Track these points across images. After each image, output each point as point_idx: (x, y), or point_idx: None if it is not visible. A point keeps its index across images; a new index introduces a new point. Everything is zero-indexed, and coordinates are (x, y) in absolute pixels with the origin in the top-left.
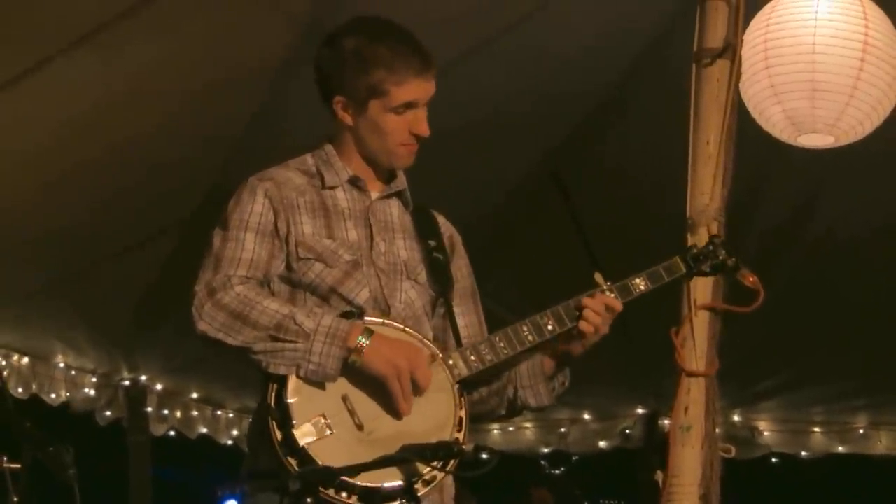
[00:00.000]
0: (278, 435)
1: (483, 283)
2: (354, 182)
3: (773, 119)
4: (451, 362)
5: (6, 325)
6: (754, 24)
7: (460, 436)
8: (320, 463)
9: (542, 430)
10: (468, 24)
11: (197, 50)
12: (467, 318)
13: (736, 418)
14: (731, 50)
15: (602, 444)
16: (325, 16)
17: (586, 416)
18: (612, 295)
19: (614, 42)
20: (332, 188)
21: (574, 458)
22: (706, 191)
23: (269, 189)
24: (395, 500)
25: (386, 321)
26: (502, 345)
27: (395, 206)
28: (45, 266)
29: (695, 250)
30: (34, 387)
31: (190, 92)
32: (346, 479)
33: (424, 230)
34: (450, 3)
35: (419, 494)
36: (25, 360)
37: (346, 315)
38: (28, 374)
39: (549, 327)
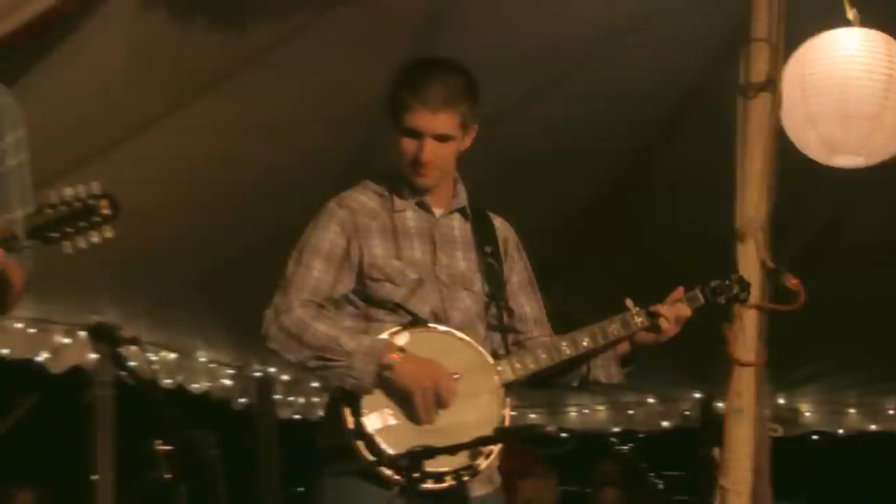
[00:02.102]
0: (350, 422)
1: (551, 289)
2: (420, 204)
3: (810, 143)
4: (499, 368)
5: (157, 324)
6: (792, 61)
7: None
8: (384, 447)
9: (612, 412)
10: (541, 62)
11: (312, 89)
12: (529, 305)
13: (781, 401)
14: (772, 84)
15: (664, 423)
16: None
17: (651, 400)
18: (640, 320)
19: (668, 78)
20: (401, 211)
21: (640, 436)
22: (752, 205)
23: (343, 218)
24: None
25: (450, 330)
26: (544, 356)
27: (457, 220)
28: (189, 275)
29: (713, 284)
30: (180, 378)
31: (310, 125)
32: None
33: (482, 238)
34: (525, 43)
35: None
36: (172, 355)
37: (413, 323)
38: (174, 367)
39: (585, 343)
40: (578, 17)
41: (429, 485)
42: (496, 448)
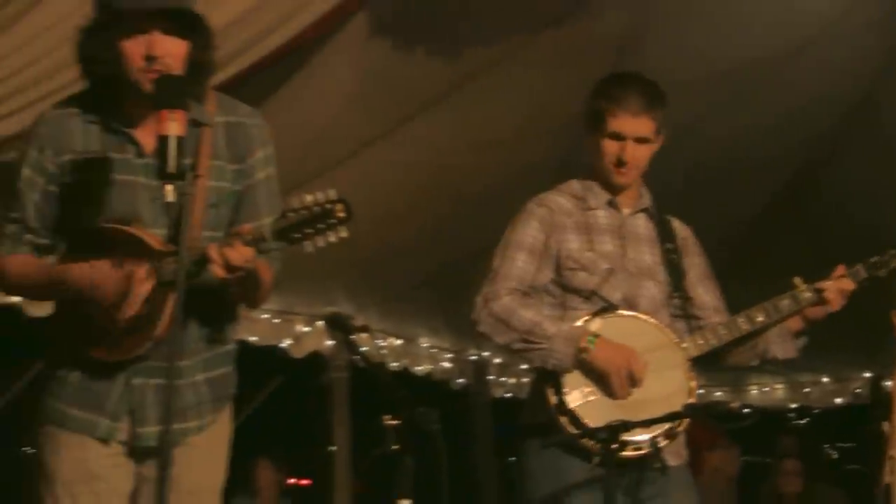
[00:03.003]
0: (553, 400)
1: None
2: (611, 203)
3: None
4: (684, 346)
5: (386, 314)
6: None
7: (692, 401)
8: (585, 421)
9: (790, 390)
10: (722, 80)
11: (523, 106)
12: (708, 295)
13: None
14: None
15: (837, 400)
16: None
17: (825, 379)
18: (808, 295)
19: (836, 93)
20: (593, 209)
21: (815, 412)
22: None
23: (542, 215)
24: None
25: (636, 314)
26: (723, 332)
27: (641, 219)
28: (414, 272)
29: (873, 259)
30: (405, 361)
31: (521, 138)
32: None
33: (664, 236)
34: (709, 63)
35: (660, 446)
36: (399, 341)
37: (603, 310)
38: (401, 351)
39: (760, 319)
40: (756, 40)
41: (628, 453)
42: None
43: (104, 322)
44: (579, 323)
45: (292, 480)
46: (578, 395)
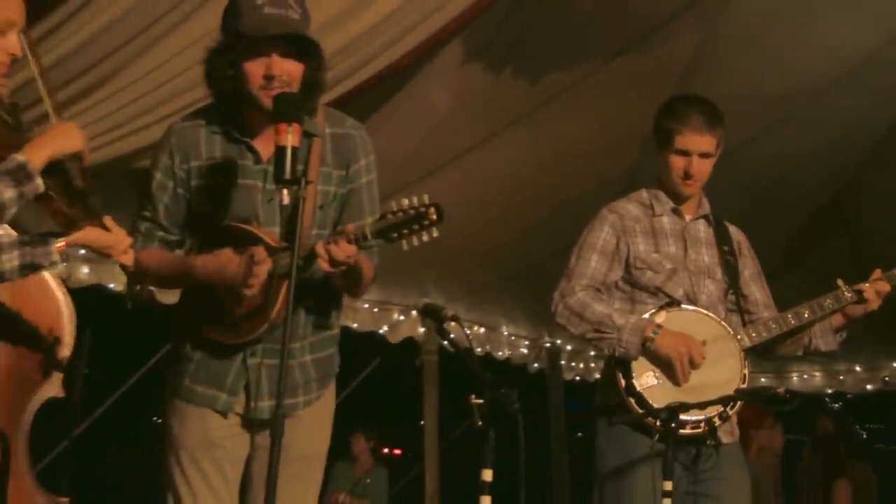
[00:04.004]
0: (623, 382)
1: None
2: (675, 210)
3: None
4: (739, 337)
5: (472, 306)
6: None
7: (743, 386)
8: (651, 402)
9: (826, 377)
10: (771, 105)
11: (596, 125)
12: (760, 292)
13: None
14: None
15: (869, 387)
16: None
17: (858, 367)
18: (849, 295)
19: (873, 115)
20: (659, 216)
21: (848, 397)
22: None
23: (613, 220)
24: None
25: (697, 308)
26: (774, 326)
27: (701, 224)
28: (497, 268)
29: None
30: (487, 347)
31: (593, 153)
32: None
33: (721, 239)
34: (760, 90)
35: (716, 425)
36: (482, 329)
37: (668, 305)
38: (483, 339)
39: (806, 315)
40: (804, 68)
41: (687, 431)
42: (729, 413)
43: (227, 305)
44: (646, 315)
45: (386, 450)
46: (645, 379)
